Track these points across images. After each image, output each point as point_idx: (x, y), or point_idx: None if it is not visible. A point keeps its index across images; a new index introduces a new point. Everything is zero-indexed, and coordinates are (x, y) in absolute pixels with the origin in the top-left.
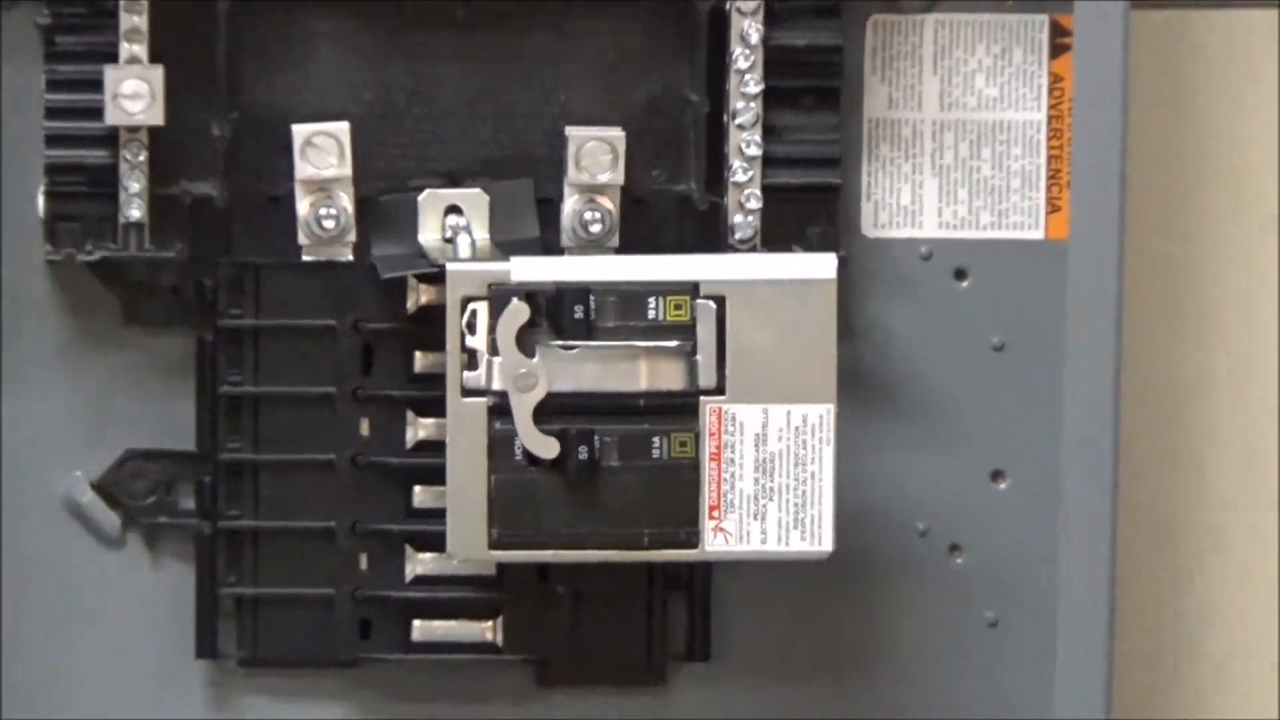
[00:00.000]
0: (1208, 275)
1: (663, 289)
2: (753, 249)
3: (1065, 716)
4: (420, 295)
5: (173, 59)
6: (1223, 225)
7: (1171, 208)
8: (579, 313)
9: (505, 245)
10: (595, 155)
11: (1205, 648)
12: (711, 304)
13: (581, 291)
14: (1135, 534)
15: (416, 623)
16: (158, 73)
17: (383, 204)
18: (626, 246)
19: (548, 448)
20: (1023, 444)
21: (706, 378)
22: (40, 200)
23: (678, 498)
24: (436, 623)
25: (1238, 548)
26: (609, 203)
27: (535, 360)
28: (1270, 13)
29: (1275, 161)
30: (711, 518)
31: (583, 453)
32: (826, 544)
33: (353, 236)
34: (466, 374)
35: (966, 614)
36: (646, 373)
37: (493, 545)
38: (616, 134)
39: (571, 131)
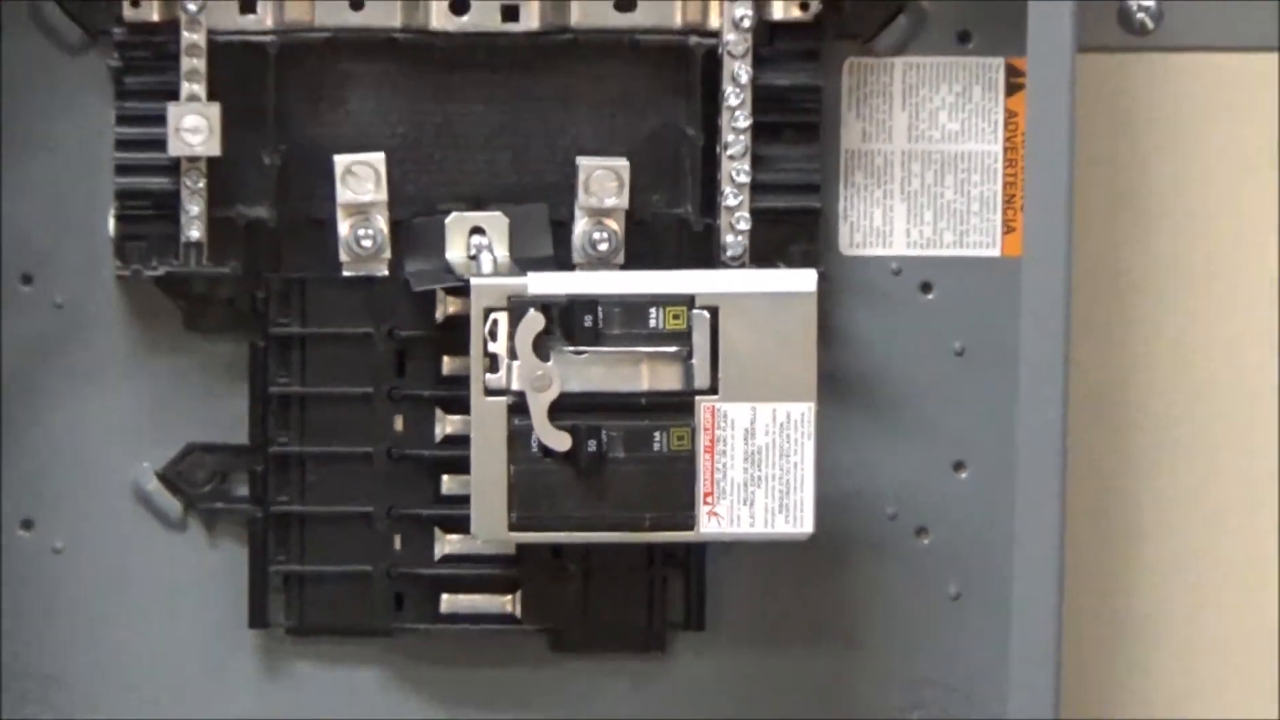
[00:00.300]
0: (1149, 286)
1: (662, 301)
2: (742, 265)
3: (1019, 677)
4: (447, 306)
5: (228, 97)
6: (1162, 239)
7: (1116, 227)
8: (588, 321)
9: (523, 262)
10: (603, 182)
11: (1144, 613)
12: (706, 314)
13: (590, 303)
14: (1081, 517)
15: (444, 596)
16: (215, 109)
17: (414, 225)
18: (630, 263)
19: (561, 441)
20: (981, 437)
21: (701, 379)
22: (111, 222)
23: (676, 486)
24: (462, 596)
25: (1176, 529)
26: (615, 224)
27: (549, 364)
28: (1203, 55)
29: (1211, 183)
30: (706, 503)
31: (591, 446)
32: (807, 526)
33: (388, 254)
34: (489, 376)
35: (931, 588)
36: (648, 375)
37: (512, 527)
38: (621, 164)
39: (581, 161)
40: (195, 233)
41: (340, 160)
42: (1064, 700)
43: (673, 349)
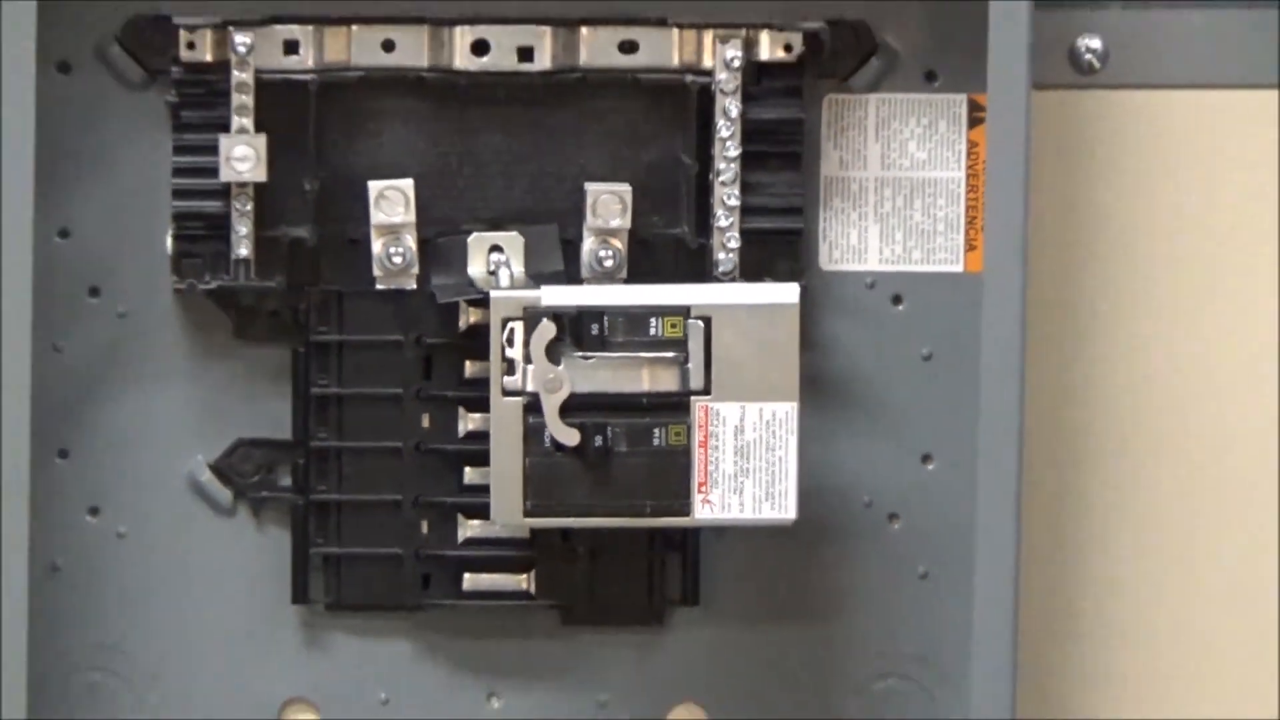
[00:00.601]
0: (1097, 298)
1: (661, 311)
2: (732, 279)
3: (980, 647)
4: (469, 316)
5: (273, 129)
6: (1107, 255)
7: (1067, 245)
8: (595, 330)
9: (537, 277)
10: (608, 205)
11: (1093, 592)
12: (700, 323)
13: (597, 313)
14: (1036, 504)
15: (467, 575)
16: (261, 140)
17: (439, 244)
18: (633, 278)
19: (570, 437)
20: (947, 433)
21: (696, 381)
22: (169, 241)
23: (673, 476)
24: (482, 575)
25: (1124, 516)
26: (619, 243)
27: (560, 368)
28: (1144, 93)
29: (1151, 205)
30: (700, 492)
31: (598, 441)
32: (790, 513)
33: (416, 270)
34: (506, 379)
35: (902, 568)
36: (648, 377)
37: (527, 514)
38: (625, 189)
39: (589, 187)
40: (244, 251)
41: (374, 186)
42: (1021, 668)
43: (670, 354)
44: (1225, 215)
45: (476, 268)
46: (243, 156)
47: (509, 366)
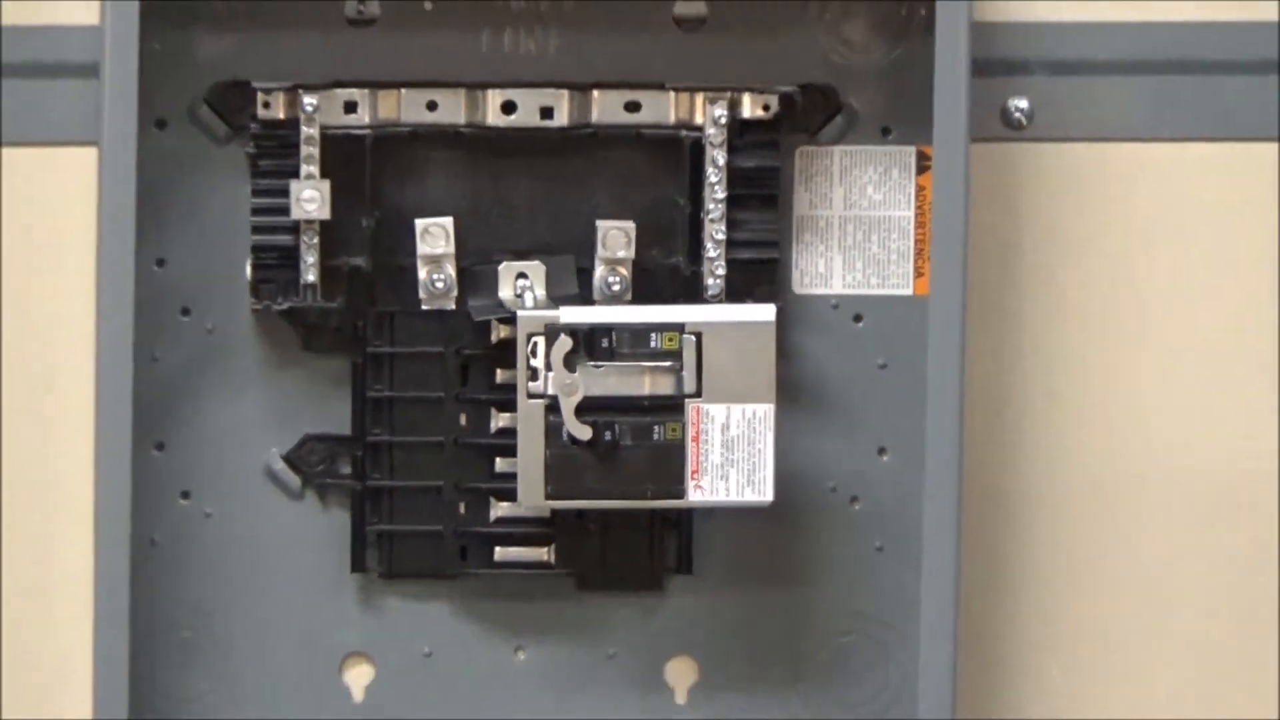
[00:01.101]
0: (1025, 315)
1: (660, 328)
2: (719, 301)
3: (928, 608)
4: (500, 332)
5: (335, 175)
6: (1034, 280)
7: (1000, 272)
8: (605, 343)
9: (556, 299)
10: (615, 239)
11: (1024, 559)
12: (692, 338)
13: (607, 329)
14: (974, 488)
15: (497, 549)
16: (325, 184)
17: (475, 271)
18: (637, 299)
19: (584, 433)
20: (899, 430)
21: (689, 386)
22: (248, 269)
23: (670, 465)
24: (510, 548)
25: (1048, 496)
26: (624, 270)
27: (575, 374)
28: (1064, 145)
29: (1069, 239)
30: (692, 478)
31: (607, 436)
32: (768, 495)
33: (455, 293)
34: (531, 384)
35: (862, 543)
36: (649, 383)
37: (547, 497)
38: (629, 225)
39: (600, 224)
40: (311, 277)
41: (420, 223)
42: (961, 626)
43: (667, 364)
44: (1130, 244)
45: (506, 291)
46: (310, 198)
47: (533, 374)
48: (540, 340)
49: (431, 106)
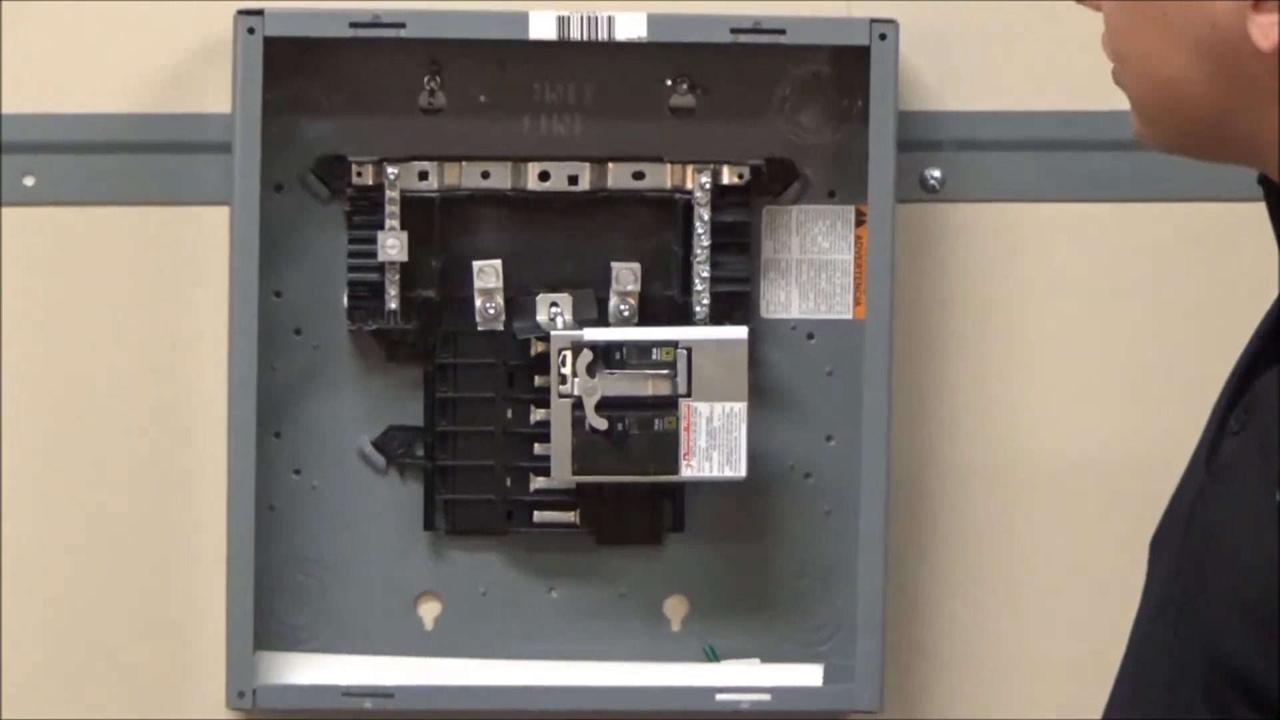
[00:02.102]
0: (939, 331)
1: (659, 344)
2: (705, 324)
3: (864, 558)
4: (538, 347)
5: (412, 227)
6: (945, 308)
7: (919, 302)
8: (618, 356)
9: (580, 322)
10: (625, 277)
11: (942, 519)
12: (684, 351)
13: (619, 345)
14: (900, 465)
15: (536, 512)
16: (404, 235)
17: (518, 301)
18: (642, 322)
19: (601, 424)
20: (842, 422)
21: (682, 389)
22: (345, 299)
23: (668, 449)
24: (546, 512)
25: (958, 468)
26: (632, 300)
27: (595, 380)
28: (970, 205)
29: (973, 279)
30: (684, 459)
31: (619, 426)
32: (742, 472)
33: (503, 318)
34: (561, 387)
35: (814, 508)
36: (651, 386)
37: (574, 473)
38: (636, 266)
39: (613, 264)
40: (393, 305)
41: (476, 264)
42: (890, 573)
43: (665, 372)
44: (1020, 278)
45: (542, 316)
46: (392, 245)
47: (563, 379)
48: (568, 354)
49: (485, 175)
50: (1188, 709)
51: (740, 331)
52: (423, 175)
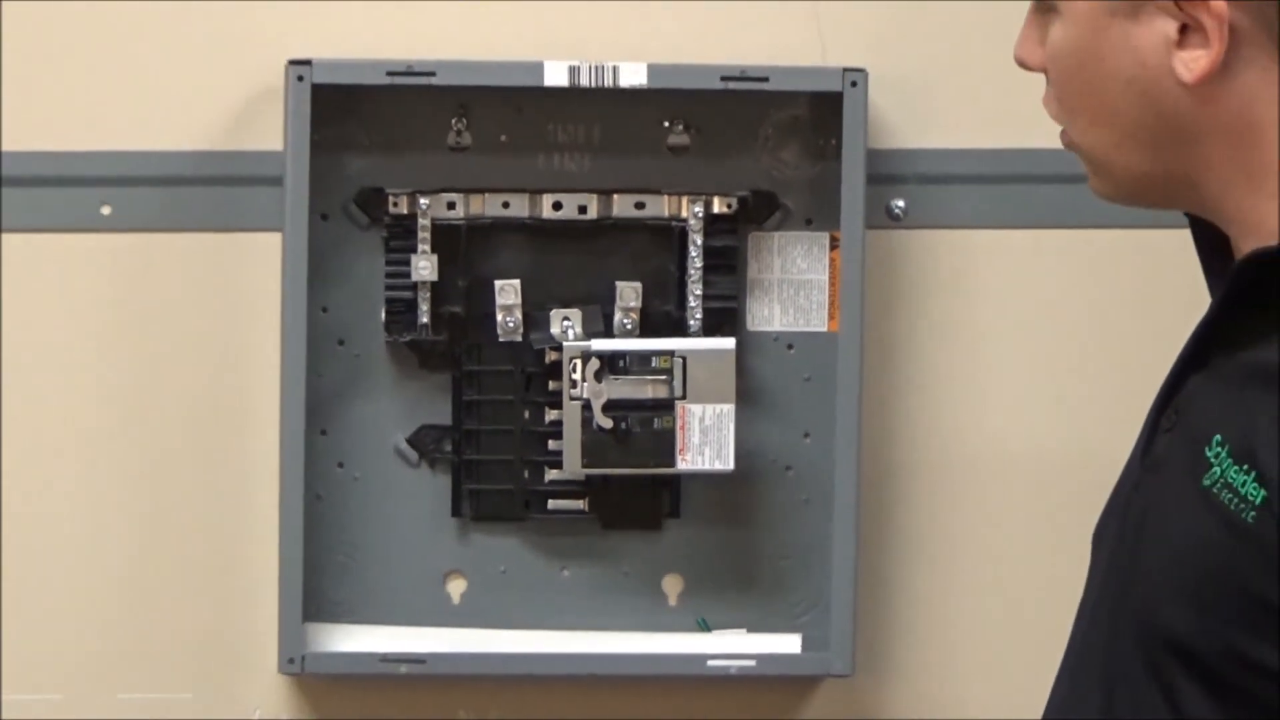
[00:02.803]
0: (901, 346)
1: (658, 353)
2: (698, 335)
3: (838, 537)
4: (551, 355)
5: (441, 250)
6: (908, 321)
7: (885, 314)
8: (622, 363)
9: (589, 334)
10: (628, 294)
11: (907, 504)
12: (680, 360)
13: (623, 354)
14: (868, 460)
15: (550, 501)
16: (434, 258)
17: (534, 316)
18: (643, 334)
19: (608, 423)
20: (818, 421)
21: (678, 392)
22: (383, 314)
23: (666, 445)
24: (559, 500)
25: (920, 469)
26: (635, 315)
27: (602, 384)
28: (929, 231)
29: (931, 297)
30: (680, 454)
31: (623, 425)
32: (730, 465)
33: (521, 330)
34: (572, 391)
35: (795, 496)
36: (651, 389)
37: (583, 466)
38: (638, 285)
39: (618, 284)
40: (425, 319)
41: (498, 283)
42: (860, 554)
43: (663, 377)
44: (974, 294)
45: (555, 329)
46: (424, 267)
47: (573, 384)
48: (578, 361)
49: (505, 205)
50: (1125, 677)
51: (729, 342)
52: (451, 205)
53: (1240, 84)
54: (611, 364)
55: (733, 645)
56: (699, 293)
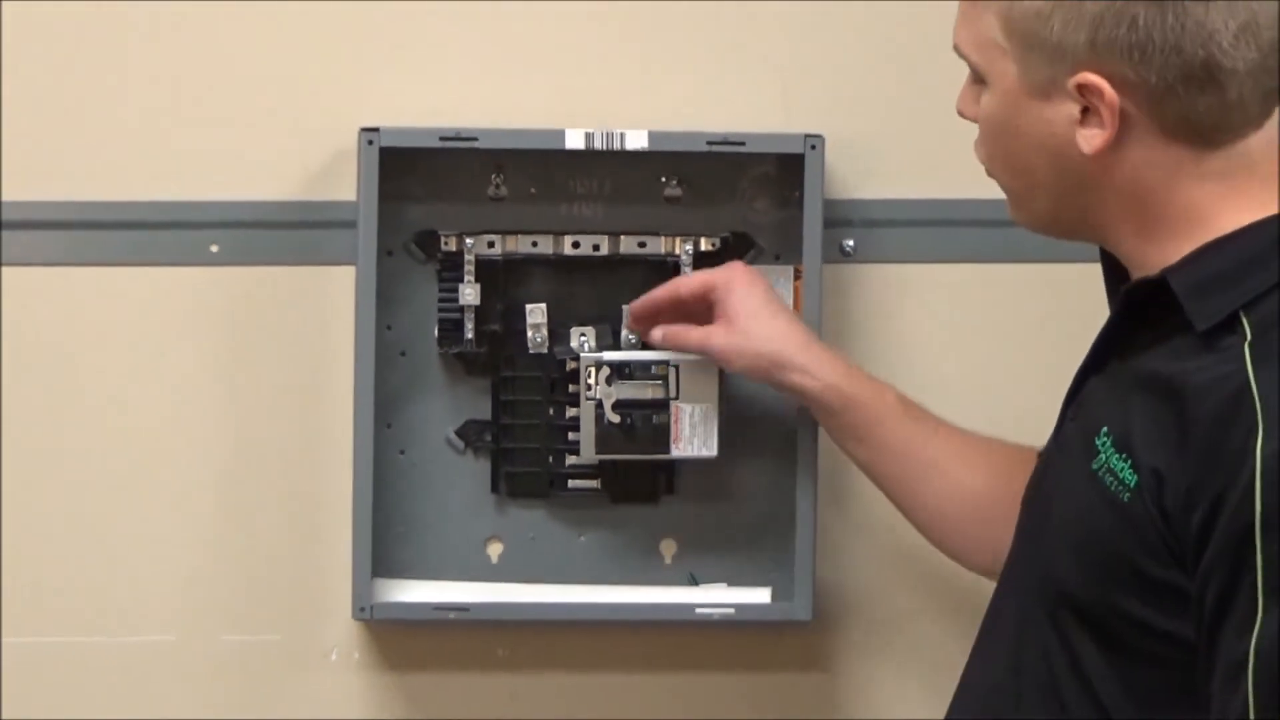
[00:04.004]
0: (855, 352)
1: (656, 363)
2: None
3: (801, 514)
4: (571, 364)
5: (483, 280)
6: (858, 331)
7: (840, 330)
8: (627, 370)
9: (601, 347)
10: None
11: (857, 481)
12: (675, 367)
13: (628, 363)
14: (826, 447)
15: (570, 481)
16: (477, 286)
17: (557, 331)
18: (644, 348)
19: (616, 419)
20: (786, 415)
21: (672, 393)
22: (435, 331)
23: (663, 436)
24: (577, 480)
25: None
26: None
27: (612, 387)
28: (876, 265)
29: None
30: (674, 443)
31: (628, 420)
32: (714, 452)
33: (547, 344)
34: (587, 392)
35: (767, 477)
36: (651, 391)
37: (596, 453)
38: None
39: (624, 307)
40: (470, 335)
41: (528, 306)
42: (818, 522)
43: (660, 382)
44: (913, 321)
45: (574, 343)
46: (469, 293)
47: (589, 387)
48: (593, 369)
49: (534, 244)
50: (1032, 625)
51: None
52: (491, 244)
53: (1131, 155)
54: (619, 371)
55: (716, 596)
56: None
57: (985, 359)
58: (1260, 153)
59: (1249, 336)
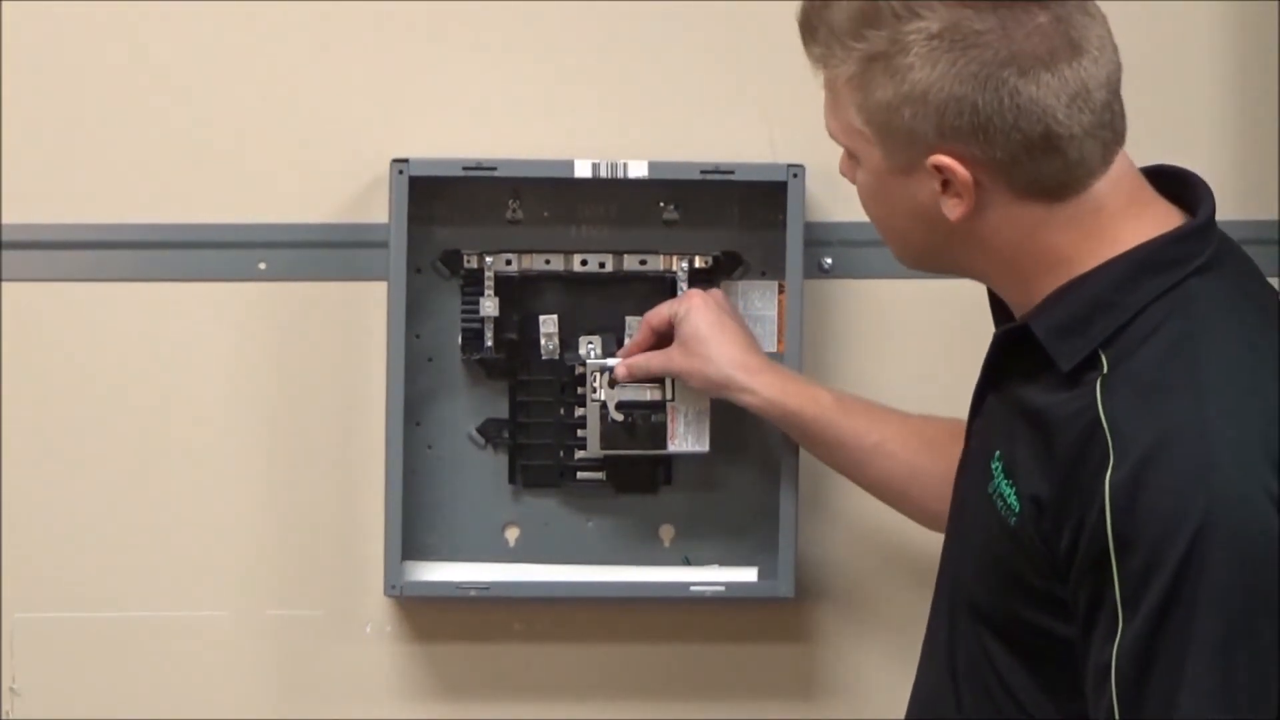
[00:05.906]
0: (832, 354)
1: None
2: None
3: (784, 502)
4: (579, 370)
5: (501, 294)
6: (826, 333)
7: (814, 337)
8: None
9: (606, 354)
10: (635, 326)
11: (833, 475)
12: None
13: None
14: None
15: (579, 473)
16: (496, 299)
17: (567, 340)
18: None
19: (619, 417)
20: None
21: (669, 395)
22: (459, 339)
23: (661, 433)
24: (585, 473)
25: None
26: None
27: (615, 390)
28: (849, 281)
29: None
30: (671, 439)
31: (630, 419)
32: (706, 447)
33: (558, 351)
34: (593, 394)
35: (754, 469)
36: (650, 394)
37: (602, 448)
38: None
39: (628, 318)
40: (489, 343)
41: (541, 318)
42: (800, 511)
43: (658, 385)
44: (881, 328)
45: (582, 351)
46: (489, 306)
47: (595, 390)
48: (599, 374)
49: (547, 262)
50: (962, 627)
51: None
52: (508, 262)
53: (991, 216)
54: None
55: (708, 576)
56: None
57: (948, 365)
58: (1106, 194)
59: (1105, 370)
